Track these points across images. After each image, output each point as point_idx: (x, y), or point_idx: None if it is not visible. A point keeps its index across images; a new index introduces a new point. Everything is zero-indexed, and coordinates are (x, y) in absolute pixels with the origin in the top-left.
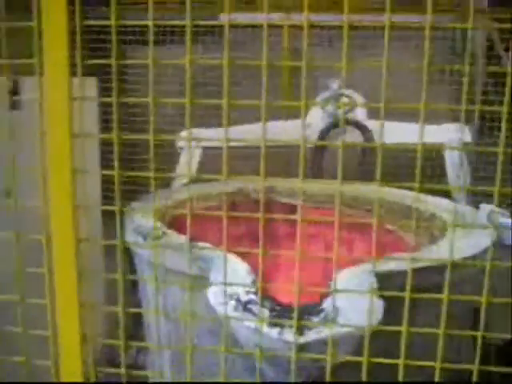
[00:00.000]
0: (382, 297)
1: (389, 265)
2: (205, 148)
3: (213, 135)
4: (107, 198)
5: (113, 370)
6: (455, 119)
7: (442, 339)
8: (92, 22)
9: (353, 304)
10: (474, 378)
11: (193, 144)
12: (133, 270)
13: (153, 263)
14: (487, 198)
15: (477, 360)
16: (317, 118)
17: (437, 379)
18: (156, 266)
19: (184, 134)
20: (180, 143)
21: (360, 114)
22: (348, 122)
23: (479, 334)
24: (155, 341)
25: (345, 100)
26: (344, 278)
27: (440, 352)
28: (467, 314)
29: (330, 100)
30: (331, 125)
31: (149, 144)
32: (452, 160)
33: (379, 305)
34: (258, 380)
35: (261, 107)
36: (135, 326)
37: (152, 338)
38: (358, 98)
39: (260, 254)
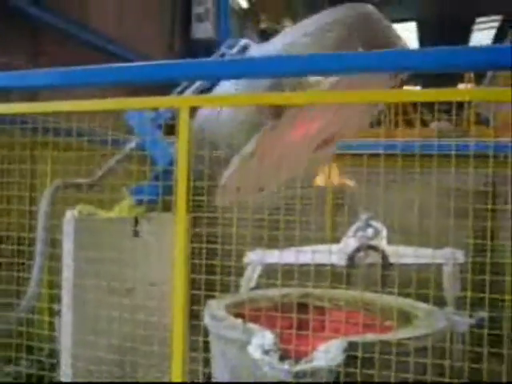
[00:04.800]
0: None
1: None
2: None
3: (272, 255)
4: None
5: None
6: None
7: None
8: None
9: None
10: None
11: (257, 261)
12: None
13: (219, 335)
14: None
15: None
16: (350, 242)
17: None
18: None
19: (250, 254)
20: (246, 260)
21: (383, 241)
22: (370, 247)
23: None
24: None
25: (370, 229)
26: (326, 344)
27: None
28: None
29: (360, 229)
30: (358, 249)
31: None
32: (448, 275)
33: (339, 355)
34: None
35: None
36: None
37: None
38: (381, 228)
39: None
